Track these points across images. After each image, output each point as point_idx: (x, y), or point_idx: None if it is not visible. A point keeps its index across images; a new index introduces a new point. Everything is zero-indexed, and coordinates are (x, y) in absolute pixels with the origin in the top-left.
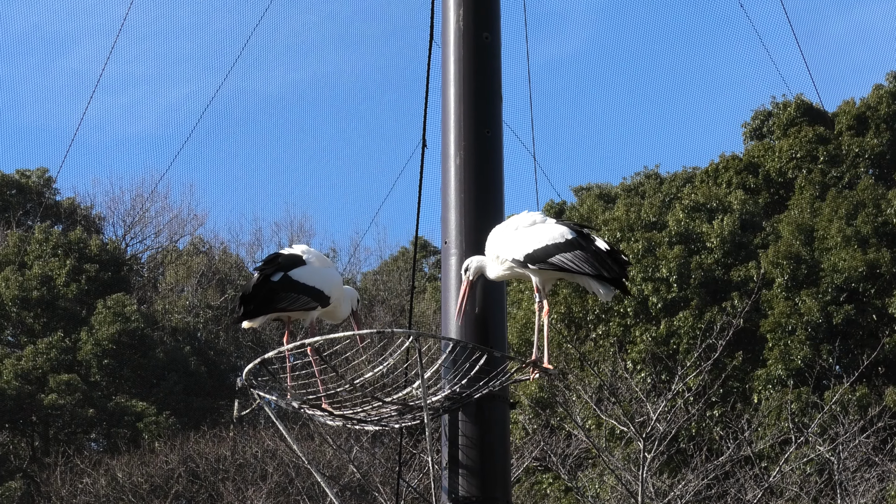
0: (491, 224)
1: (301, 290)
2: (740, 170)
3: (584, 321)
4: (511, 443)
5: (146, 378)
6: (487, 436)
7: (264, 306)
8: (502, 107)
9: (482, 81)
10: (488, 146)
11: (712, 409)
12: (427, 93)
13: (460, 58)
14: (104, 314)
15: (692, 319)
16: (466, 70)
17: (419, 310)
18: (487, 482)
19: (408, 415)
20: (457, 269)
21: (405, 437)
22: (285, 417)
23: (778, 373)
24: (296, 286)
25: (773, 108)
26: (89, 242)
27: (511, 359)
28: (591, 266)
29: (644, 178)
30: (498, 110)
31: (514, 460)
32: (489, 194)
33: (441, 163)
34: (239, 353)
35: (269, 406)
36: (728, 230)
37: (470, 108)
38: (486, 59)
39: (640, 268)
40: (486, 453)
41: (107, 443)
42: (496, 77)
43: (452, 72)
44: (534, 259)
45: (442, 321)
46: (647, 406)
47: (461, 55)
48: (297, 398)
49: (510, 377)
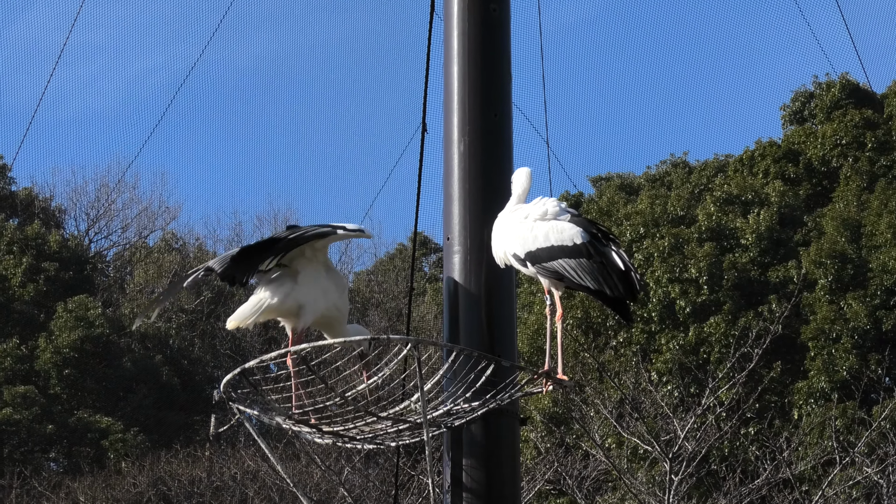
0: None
1: (303, 230)
2: (778, 158)
3: (603, 327)
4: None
5: (112, 390)
6: (495, 455)
7: (260, 253)
8: (511, 86)
9: (489, 58)
10: (496, 130)
11: (747, 427)
12: (427, 70)
13: (465, 31)
14: (65, 318)
15: (724, 325)
16: (472, 45)
17: (418, 314)
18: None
19: (406, 432)
20: (460, 268)
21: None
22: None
23: (821, 385)
24: (297, 228)
25: (816, 89)
26: (48, 238)
27: (521, 369)
28: (593, 280)
29: (670, 167)
30: (507, 90)
31: (524, 483)
32: (497, 185)
33: (443, 149)
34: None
35: (249, 422)
36: (765, 225)
37: (476, 87)
38: (494, 32)
39: (666, 267)
40: (493, 475)
41: (67, 463)
42: (505, 53)
43: (456, 47)
44: (535, 259)
45: (444, 327)
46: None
47: (466, 28)
48: (281, 413)
49: (520, 389)
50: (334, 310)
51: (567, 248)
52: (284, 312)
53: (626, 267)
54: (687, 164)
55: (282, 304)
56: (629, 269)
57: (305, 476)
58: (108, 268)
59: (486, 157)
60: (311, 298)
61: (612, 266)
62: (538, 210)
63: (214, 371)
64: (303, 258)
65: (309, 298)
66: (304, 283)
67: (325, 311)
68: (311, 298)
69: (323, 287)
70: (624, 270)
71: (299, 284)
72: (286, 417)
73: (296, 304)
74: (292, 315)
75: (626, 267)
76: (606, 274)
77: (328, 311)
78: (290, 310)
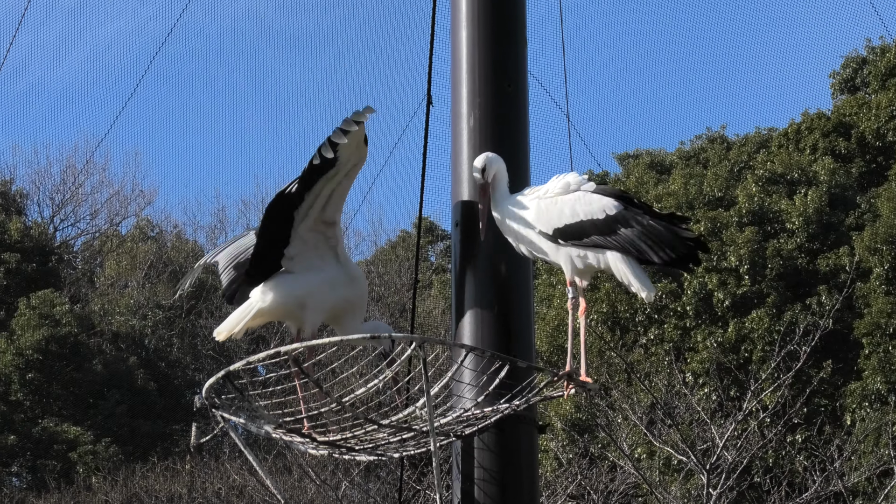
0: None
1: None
2: (828, 131)
3: (631, 323)
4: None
5: (81, 397)
6: (510, 467)
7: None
8: (527, 54)
9: (502, 22)
10: (510, 104)
11: (793, 434)
12: (433, 36)
13: None
14: (27, 316)
15: (768, 320)
16: (482, 7)
17: (424, 309)
18: None
19: (410, 441)
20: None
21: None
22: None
23: (876, 387)
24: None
25: (869, 54)
26: (8, 226)
27: (540, 370)
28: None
29: (707, 143)
30: (522, 58)
31: (543, 498)
32: (511, 164)
33: (451, 124)
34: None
35: (235, 431)
36: (813, 207)
37: (487, 55)
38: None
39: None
40: (508, 489)
41: (32, 478)
42: (520, 16)
43: (464, 9)
44: (565, 236)
45: (452, 323)
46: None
47: None
48: (270, 421)
49: (538, 393)
50: (345, 304)
51: (599, 222)
52: (284, 314)
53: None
54: (725, 139)
55: (278, 306)
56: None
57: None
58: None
59: (499, 133)
60: (314, 294)
61: (653, 230)
62: (559, 184)
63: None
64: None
65: (312, 294)
66: (306, 276)
67: (335, 307)
68: (314, 294)
69: (329, 279)
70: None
71: (299, 279)
72: (276, 426)
73: (296, 303)
74: (295, 315)
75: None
76: (650, 240)
77: (337, 305)
78: (289, 311)
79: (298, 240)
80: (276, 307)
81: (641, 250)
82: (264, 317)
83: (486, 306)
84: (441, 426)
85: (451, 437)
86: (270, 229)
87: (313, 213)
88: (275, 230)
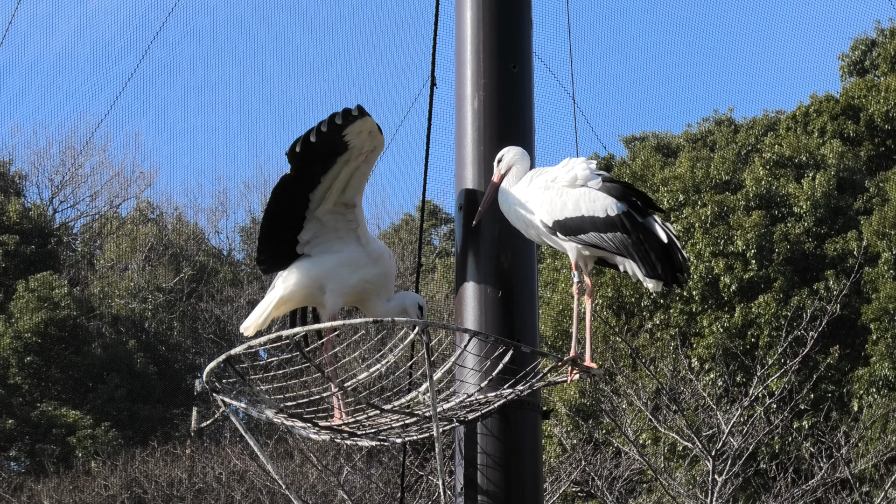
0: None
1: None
2: (836, 114)
3: (637, 308)
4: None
5: (80, 380)
6: (513, 453)
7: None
8: (532, 34)
9: (507, 2)
10: (514, 85)
11: (800, 420)
12: (437, 16)
13: None
14: (26, 299)
15: (775, 305)
16: None
17: (427, 293)
18: None
19: (413, 427)
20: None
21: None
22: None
23: (884, 373)
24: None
25: (878, 36)
26: (7, 207)
27: (544, 355)
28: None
29: (714, 126)
30: (527, 39)
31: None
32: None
33: (455, 106)
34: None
35: (236, 415)
36: (821, 191)
37: (491, 35)
38: None
39: (708, 239)
40: (511, 475)
41: (30, 462)
42: None
43: None
44: (564, 229)
45: (456, 307)
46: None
47: None
48: (272, 405)
49: (543, 379)
50: (367, 284)
51: (599, 221)
52: (306, 298)
53: (671, 242)
54: (732, 121)
55: (299, 290)
56: (674, 245)
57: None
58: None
59: (504, 114)
60: (333, 275)
61: (653, 241)
62: (567, 175)
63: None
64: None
65: (330, 276)
66: (324, 258)
67: (357, 287)
68: (333, 275)
69: (349, 260)
70: (667, 245)
71: (317, 261)
72: (277, 410)
73: (316, 285)
74: (317, 299)
75: (671, 242)
76: (644, 252)
77: (359, 286)
78: (310, 294)
79: (316, 222)
80: (296, 292)
81: (632, 256)
82: (287, 304)
83: (490, 290)
84: (444, 411)
85: (454, 423)
86: (276, 211)
87: (332, 195)
88: (281, 212)
